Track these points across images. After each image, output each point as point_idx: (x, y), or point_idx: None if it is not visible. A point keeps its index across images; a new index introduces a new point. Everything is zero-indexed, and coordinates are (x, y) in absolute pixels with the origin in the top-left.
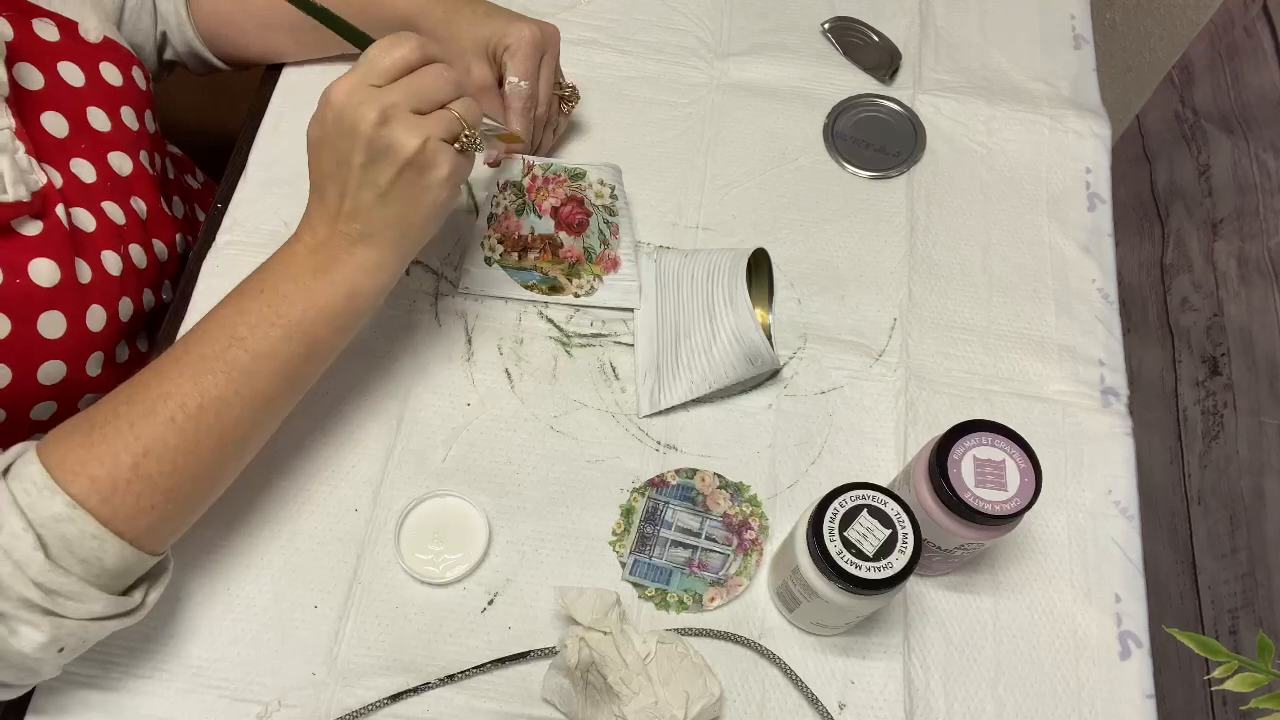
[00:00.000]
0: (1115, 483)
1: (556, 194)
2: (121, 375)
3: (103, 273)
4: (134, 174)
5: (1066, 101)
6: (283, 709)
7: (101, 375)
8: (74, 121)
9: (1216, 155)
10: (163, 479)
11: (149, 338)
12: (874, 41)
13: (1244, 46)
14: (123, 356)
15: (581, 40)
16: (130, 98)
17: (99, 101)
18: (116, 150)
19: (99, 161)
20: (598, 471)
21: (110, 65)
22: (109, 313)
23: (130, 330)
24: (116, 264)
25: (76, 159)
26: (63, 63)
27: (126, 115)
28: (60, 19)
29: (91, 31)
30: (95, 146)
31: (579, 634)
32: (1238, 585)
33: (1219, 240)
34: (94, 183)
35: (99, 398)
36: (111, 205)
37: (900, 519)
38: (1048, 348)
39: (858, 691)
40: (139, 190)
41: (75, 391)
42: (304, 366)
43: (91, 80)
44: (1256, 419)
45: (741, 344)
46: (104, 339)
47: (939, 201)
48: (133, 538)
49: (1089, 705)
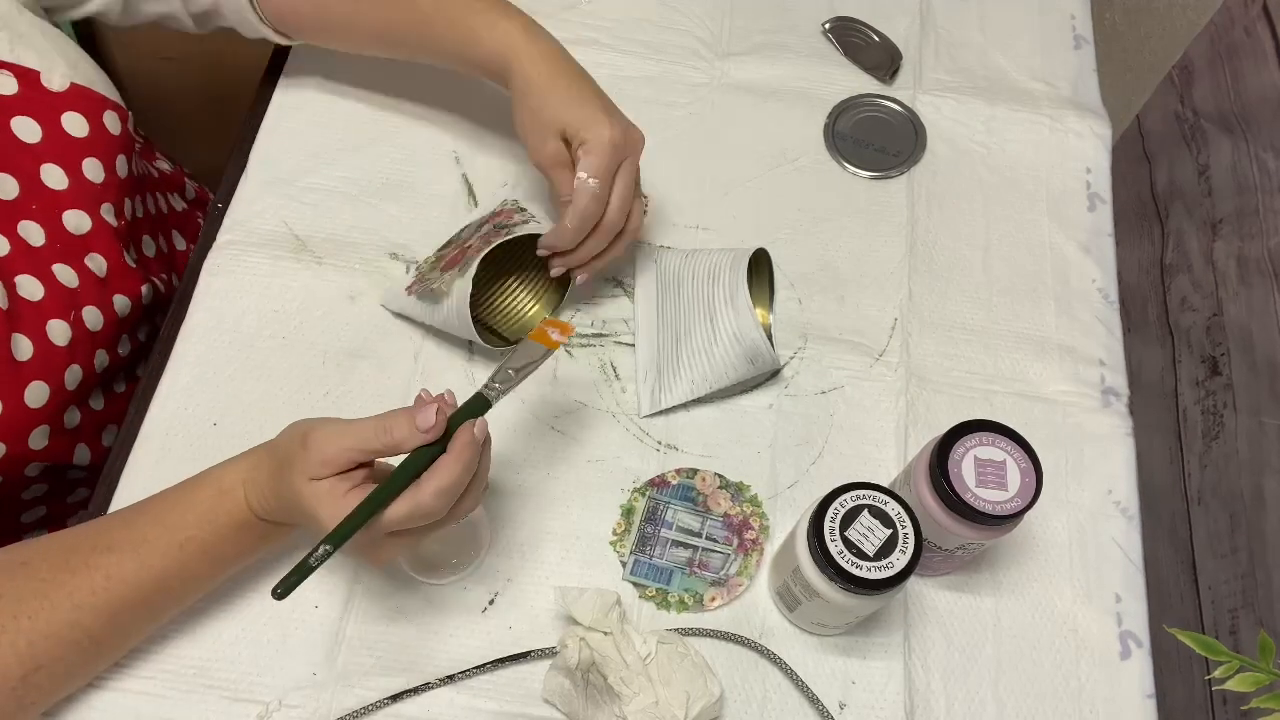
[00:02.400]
0: (1115, 483)
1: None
2: (74, 440)
3: (46, 344)
4: (93, 231)
5: (1066, 102)
6: (283, 709)
7: (49, 446)
8: (25, 181)
9: (1216, 155)
10: (52, 687)
11: (104, 393)
12: (874, 41)
13: (1244, 46)
14: (73, 422)
15: (582, 40)
16: (96, 147)
17: (56, 157)
18: (73, 208)
19: (50, 222)
20: (598, 471)
21: (75, 115)
22: (52, 386)
23: (80, 395)
24: (64, 333)
25: (25, 221)
26: (17, 118)
27: (89, 167)
28: (20, 70)
29: (56, 79)
30: (47, 206)
31: (579, 634)
32: (1238, 585)
33: (1219, 240)
34: (43, 245)
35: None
36: (63, 268)
37: (901, 519)
38: (1048, 348)
39: (858, 691)
40: (98, 247)
41: (19, 465)
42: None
43: (50, 134)
44: (1256, 419)
45: (742, 344)
46: (47, 413)
47: (939, 201)
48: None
49: (1089, 705)
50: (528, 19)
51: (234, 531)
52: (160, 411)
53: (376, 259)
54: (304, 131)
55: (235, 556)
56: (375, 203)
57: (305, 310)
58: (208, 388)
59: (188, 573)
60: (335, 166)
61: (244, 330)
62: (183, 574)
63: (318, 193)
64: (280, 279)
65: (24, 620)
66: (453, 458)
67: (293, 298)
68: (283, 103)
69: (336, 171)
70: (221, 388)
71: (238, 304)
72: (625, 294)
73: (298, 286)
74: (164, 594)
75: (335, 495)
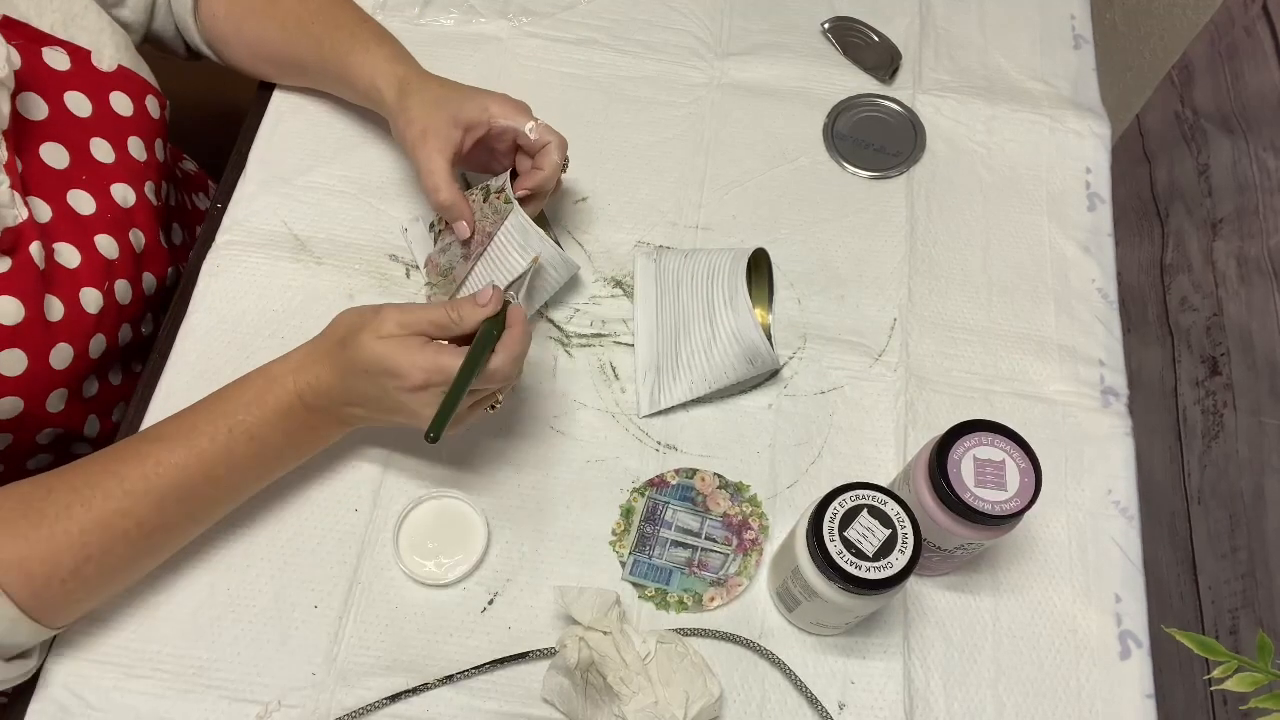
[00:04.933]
0: (1115, 483)
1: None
2: (88, 410)
3: (78, 310)
4: (137, 205)
5: (1066, 101)
6: (283, 709)
7: (64, 411)
8: (76, 152)
9: (1216, 155)
10: (99, 582)
11: (123, 370)
12: (874, 41)
13: (1244, 46)
14: (90, 391)
15: (581, 40)
16: (140, 127)
17: (104, 132)
18: (120, 182)
19: (100, 193)
20: (598, 471)
21: (121, 94)
22: (77, 350)
23: (101, 366)
24: (96, 301)
25: (75, 190)
26: (70, 92)
27: (134, 145)
28: (72, 47)
29: (105, 60)
30: (97, 178)
31: (579, 634)
32: (1238, 585)
33: (1219, 240)
34: (92, 214)
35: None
36: (106, 239)
37: (900, 519)
38: (1048, 348)
39: (858, 691)
40: (140, 222)
41: (33, 426)
42: (253, 487)
43: (99, 110)
44: (1256, 419)
45: (741, 344)
46: (68, 376)
47: (939, 201)
48: (48, 622)
49: (1089, 705)
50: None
51: (280, 418)
52: (161, 411)
53: (376, 259)
54: (303, 131)
55: (281, 447)
56: (375, 203)
57: (305, 310)
58: (208, 387)
59: (234, 459)
60: (334, 166)
61: (243, 330)
62: (230, 460)
63: (317, 193)
64: (279, 279)
65: (77, 508)
66: (516, 329)
67: (292, 298)
68: (282, 103)
69: (336, 171)
70: None
71: (237, 304)
72: (625, 294)
73: (297, 286)
74: (211, 482)
75: (412, 346)
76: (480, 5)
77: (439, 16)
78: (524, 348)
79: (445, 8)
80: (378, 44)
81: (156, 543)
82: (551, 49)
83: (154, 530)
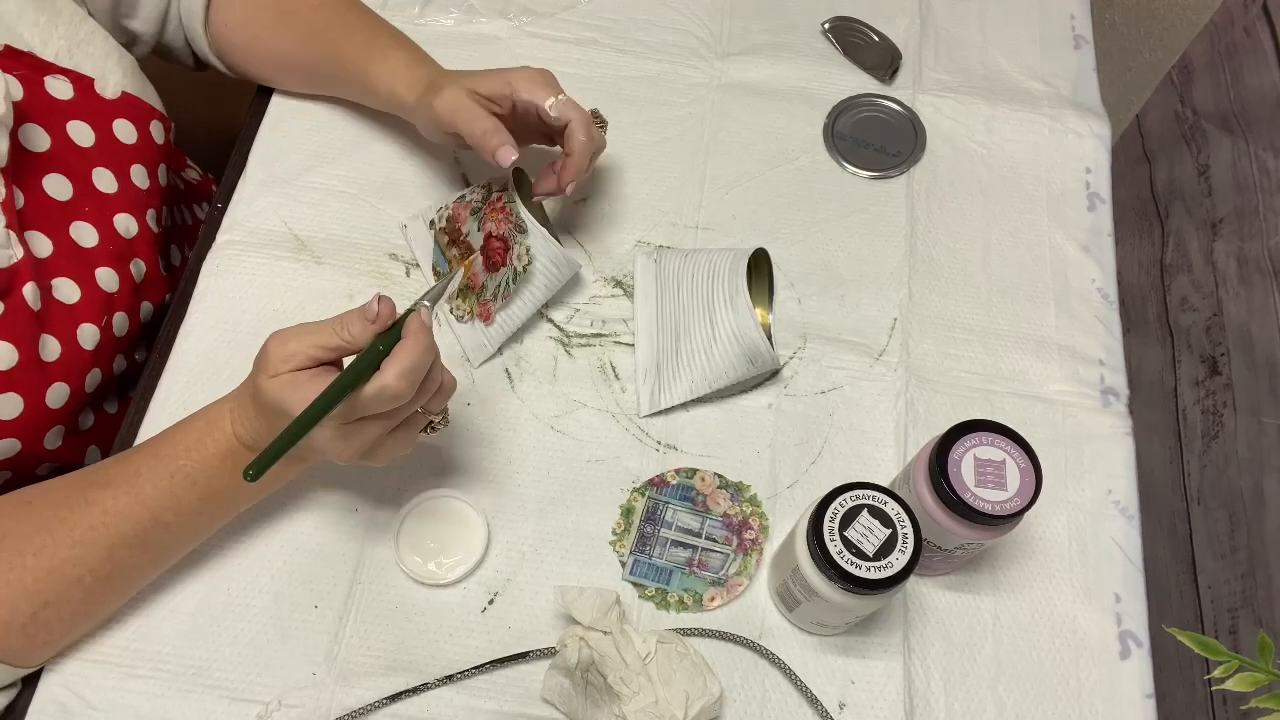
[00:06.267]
0: (1115, 483)
1: (501, 226)
2: (86, 442)
3: (74, 347)
4: (138, 235)
5: (1066, 101)
6: (283, 709)
7: (62, 446)
8: (79, 183)
9: (1216, 155)
10: (61, 627)
11: (118, 399)
12: (874, 41)
13: (1244, 46)
14: (86, 424)
15: (581, 40)
16: (143, 154)
17: (107, 161)
18: (123, 211)
19: (103, 224)
20: (598, 471)
21: (125, 122)
22: (73, 388)
23: (96, 398)
24: (93, 337)
25: (78, 222)
26: (73, 122)
27: (137, 174)
28: (76, 76)
29: (110, 87)
30: (100, 209)
31: (579, 634)
32: (1238, 585)
33: (1219, 240)
34: (94, 246)
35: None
36: (107, 272)
37: (900, 519)
38: (1048, 348)
39: (858, 691)
40: (141, 251)
41: (31, 463)
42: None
43: (102, 139)
44: (1256, 419)
45: (741, 344)
46: (64, 414)
47: (939, 201)
48: (20, 663)
49: (1089, 705)
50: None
51: (220, 461)
52: (160, 411)
53: (376, 259)
54: (303, 131)
55: (228, 490)
56: (375, 203)
57: (305, 310)
58: (208, 388)
59: (180, 505)
60: (335, 166)
61: (244, 330)
62: (176, 507)
63: (317, 192)
64: (280, 279)
65: (29, 558)
66: (410, 340)
67: (292, 297)
68: (282, 103)
69: (336, 171)
70: (221, 388)
71: (238, 304)
72: (625, 294)
73: (297, 286)
74: (159, 528)
75: (297, 383)
76: (480, 5)
77: (439, 16)
78: (416, 360)
79: (445, 8)
80: (395, 49)
81: (114, 587)
82: (552, 49)
83: (109, 576)
